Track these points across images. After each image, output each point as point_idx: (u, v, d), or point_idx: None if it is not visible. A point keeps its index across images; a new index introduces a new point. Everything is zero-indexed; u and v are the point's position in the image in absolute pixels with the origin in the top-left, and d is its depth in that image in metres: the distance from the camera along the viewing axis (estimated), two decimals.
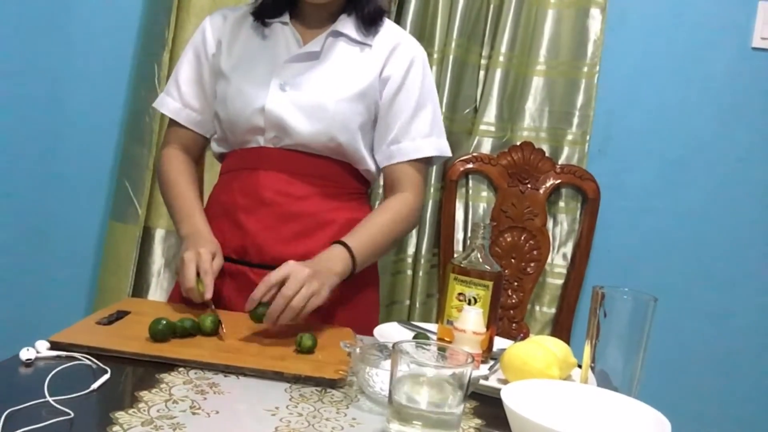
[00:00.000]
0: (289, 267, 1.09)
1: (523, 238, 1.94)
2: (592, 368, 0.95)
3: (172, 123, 1.41)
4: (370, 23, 1.34)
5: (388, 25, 1.38)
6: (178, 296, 1.27)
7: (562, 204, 1.98)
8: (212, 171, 1.85)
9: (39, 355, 0.90)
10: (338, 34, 1.33)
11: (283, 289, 1.06)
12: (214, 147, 1.42)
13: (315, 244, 1.26)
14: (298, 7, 1.35)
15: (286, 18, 1.34)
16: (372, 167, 1.37)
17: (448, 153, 1.39)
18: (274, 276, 1.08)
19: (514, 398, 0.76)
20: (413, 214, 1.36)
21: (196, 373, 0.91)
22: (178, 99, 1.39)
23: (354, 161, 1.34)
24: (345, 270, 1.19)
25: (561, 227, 1.98)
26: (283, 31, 1.34)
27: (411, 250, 1.96)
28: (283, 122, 1.28)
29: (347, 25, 1.34)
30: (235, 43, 1.36)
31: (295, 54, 1.31)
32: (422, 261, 1.92)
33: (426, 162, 1.39)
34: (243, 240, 1.29)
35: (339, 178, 1.34)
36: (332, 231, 1.29)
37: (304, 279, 1.08)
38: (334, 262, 1.18)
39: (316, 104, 1.28)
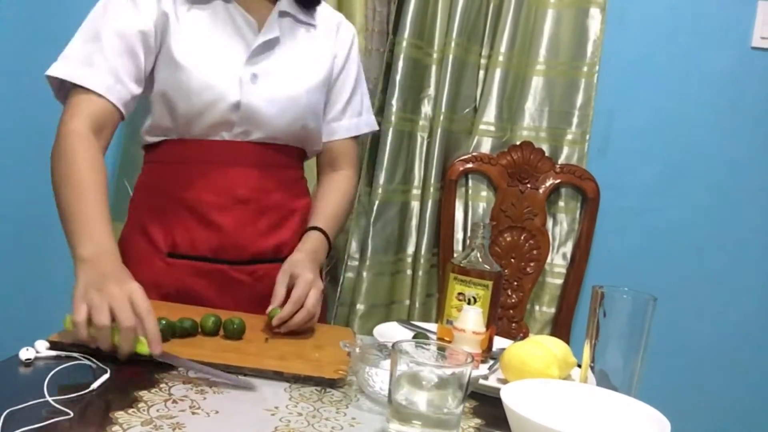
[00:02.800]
0: (307, 282, 1.12)
1: (522, 237, 1.94)
2: (592, 368, 0.95)
3: (86, 95, 1.16)
4: (308, 5, 1.35)
5: (322, 4, 1.39)
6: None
7: (561, 204, 1.98)
8: None
9: (39, 355, 0.90)
10: (285, 14, 1.32)
11: (294, 296, 1.10)
12: (146, 135, 1.30)
13: (286, 233, 1.32)
14: None
15: None
16: (320, 146, 1.42)
17: (377, 128, 1.52)
18: (281, 287, 1.14)
19: (513, 398, 0.76)
20: (356, 192, 1.49)
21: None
22: (107, 72, 1.16)
23: (312, 143, 1.38)
24: (324, 256, 1.28)
25: (561, 227, 1.98)
26: (229, 11, 1.26)
27: (411, 249, 1.96)
28: (258, 116, 1.25)
29: (291, 4, 1.33)
30: (182, 24, 1.22)
31: (260, 43, 1.26)
32: (422, 261, 1.92)
33: (358, 138, 1.47)
34: (219, 239, 1.26)
35: (295, 163, 1.37)
36: (298, 218, 1.35)
37: (311, 283, 1.13)
38: (321, 251, 1.27)
39: (290, 96, 1.28)
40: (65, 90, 1.19)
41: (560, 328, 1.94)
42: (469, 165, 1.93)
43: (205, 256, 1.26)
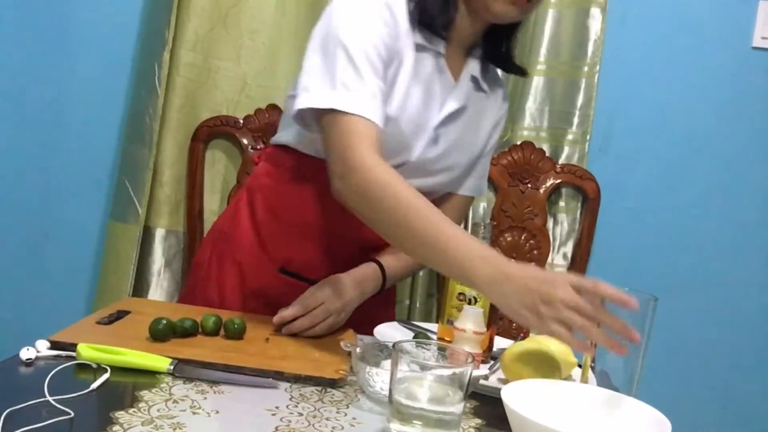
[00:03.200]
0: (325, 296, 1.12)
1: (523, 237, 1.94)
2: (593, 368, 0.95)
3: (358, 119, 1.04)
4: (489, 68, 1.31)
5: (492, 67, 1.35)
6: (194, 298, 1.28)
7: (562, 204, 1.98)
8: (212, 171, 1.86)
9: (39, 354, 0.90)
10: (473, 79, 1.28)
11: (311, 314, 1.10)
12: (294, 140, 1.24)
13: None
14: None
15: (442, 47, 1.19)
16: None
17: (484, 194, 1.49)
18: (312, 300, 1.12)
19: (514, 398, 0.76)
20: None
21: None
22: (372, 98, 1.06)
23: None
24: (372, 292, 1.24)
25: (561, 227, 1.98)
26: (437, 63, 1.19)
27: None
28: (422, 169, 1.23)
29: (478, 67, 1.28)
30: (404, 61, 1.15)
31: (450, 112, 1.22)
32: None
33: (470, 199, 1.42)
34: (333, 268, 1.22)
35: None
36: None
37: (333, 311, 1.12)
38: (370, 284, 1.23)
39: (451, 164, 1.28)
40: (314, 111, 1.09)
41: None
42: None
43: (313, 279, 1.21)
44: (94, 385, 0.82)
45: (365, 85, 1.05)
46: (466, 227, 1.96)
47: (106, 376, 0.85)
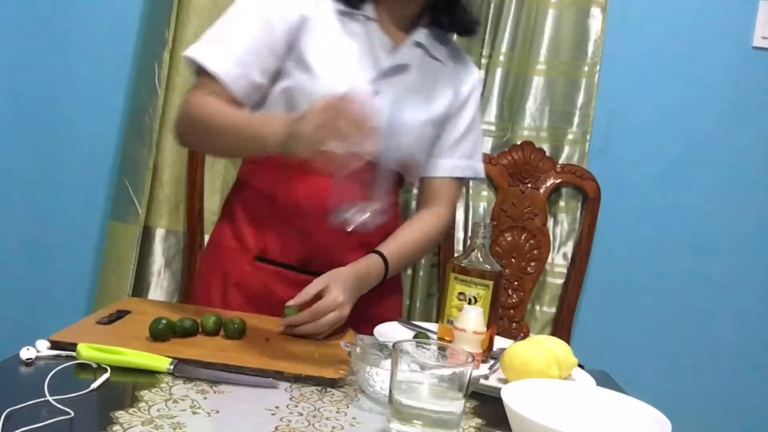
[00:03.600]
0: (330, 289, 1.11)
1: (523, 237, 1.94)
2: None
3: (211, 80, 1.18)
4: (447, 41, 1.33)
5: (452, 40, 1.38)
6: (216, 300, 1.28)
7: (562, 203, 1.98)
8: (212, 171, 1.86)
9: (39, 354, 0.90)
10: (419, 45, 1.31)
11: (314, 308, 1.09)
12: None
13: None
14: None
15: (371, 12, 1.27)
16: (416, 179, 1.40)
17: (483, 176, 1.44)
18: (312, 289, 1.11)
19: (514, 398, 0.76)
20: (444, 231, 1.40)
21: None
22: (235, 64, 1.18)
23: (412, 174, 1.35)
24: (376, 283, 1.24)
25: (561, 227, 1.98)
26: (368, 28, 1.26)
27: None
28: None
29: (427, 36, 1.31)
30: (320, 31, 1.23)
31: (389, 66, 1.26)
32: (422, 260, 1.92)
33: (462, 180, 1.42)
34: (309, 249, 1.25)
35: (392, 188, 1.33)
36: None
37: (338, 305, 1.10)
38: (371, 277, 1.22)
39: (406, 123, 1.26)
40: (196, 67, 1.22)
41: (561, 327, 1.94)
42: None
43: (291, 265, 1.26)
44: (94, 385, 0.82)
45: (229, 45, 1.19)
46: (466, 227, 1.96)
47: (106, 375, 0.85)
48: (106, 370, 0.86)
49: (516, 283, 1.95)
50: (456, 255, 1.86)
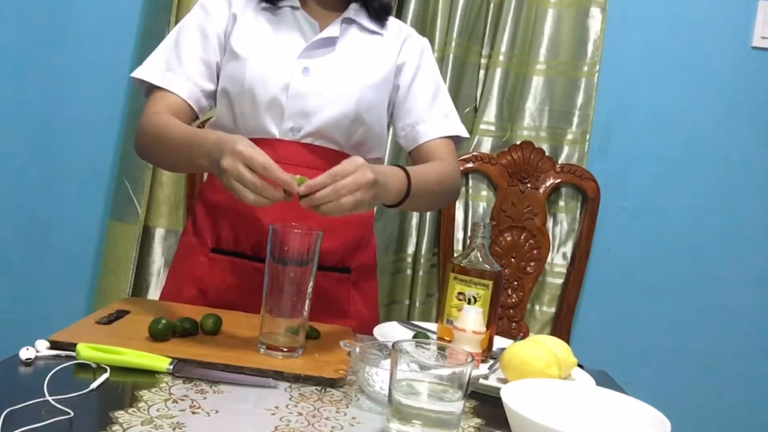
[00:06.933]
0: (357, 165, 1.01)
1: (522, 237, 1.94)
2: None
3: (164, 93, 1.25)
4: (378, 16, 1.36)
5: (393, 19, 1.41)
6: (172, 295, 1.29)
7: (561, 203, 1.98)
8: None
9: (39, 354, 0.90)
10: (351, 21, 1.34)
11: (339, 183, 0.98)
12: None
13: (331, 242, 1.23)
14: None
15: (296, 2, 1.31)
16: (383, 154, 1.40)
17: (467, 135, 1.41)
18: (341, 169, 0.99)
19: (513, 397, 0.76)
20: (455, 177, 1.34)
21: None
22: (184, 77, 1.26)
23: (367, 149, 1.33)
24: (398, 194, 1.13)
25: (561, 227, 1.98)
26: (295, 15, 1.31)
27: (411, 249, 1.96)
28: (306, 106, 1.25)
29: (359, 14, 1.35)
30: (247, 24, 1.30)
31: (316, 39, 1.28)
32: (422, 260, 1.92)
33: (448, 140, 1.37)
34: (260, 236, 1.24)
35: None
36: (349, 229, 1.30)
37: (364, 184, 1.00)
38: (393, 181, 1.12)
39: (342, 90, 1.27)
40: (146, 88, 1.29)
41: (560, 327, 1.94)
42: (470, 164, 1.93)
43: (245, 254, 1.27)
44: (94, 385, 0.82)
45: (183, 68, 1.26)
46: (465, 227, 1.97)
47: (105, 375, 0.85)
48: (105, 370, 0.86)
49: (515, 282, 1.95)
50: (455, 255, 1.87)
